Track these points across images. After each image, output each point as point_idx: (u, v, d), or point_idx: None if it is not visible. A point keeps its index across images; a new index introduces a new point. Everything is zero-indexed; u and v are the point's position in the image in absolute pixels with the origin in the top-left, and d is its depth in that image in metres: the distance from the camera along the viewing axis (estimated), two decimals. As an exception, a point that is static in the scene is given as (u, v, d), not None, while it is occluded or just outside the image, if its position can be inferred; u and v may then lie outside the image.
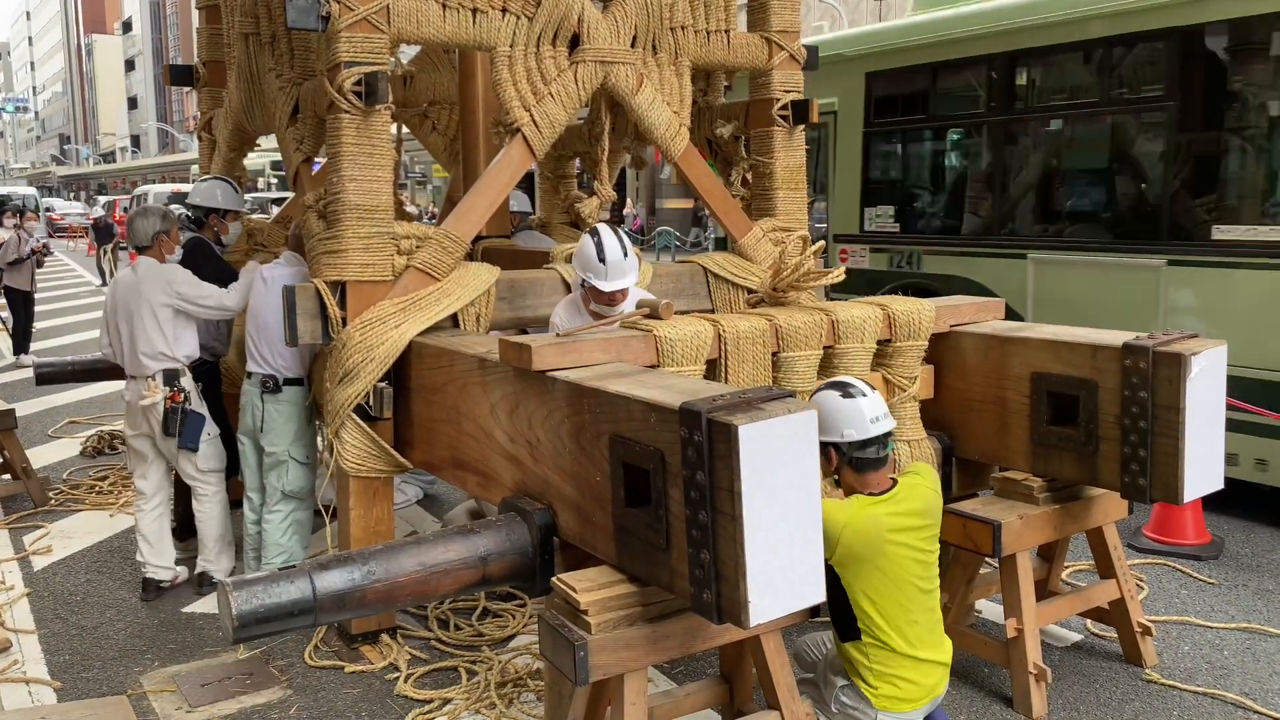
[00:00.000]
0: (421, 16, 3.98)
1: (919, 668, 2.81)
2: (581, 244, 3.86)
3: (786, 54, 5.01)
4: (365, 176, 3.91)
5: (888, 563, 2.76)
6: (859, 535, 2.74)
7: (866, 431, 2.83)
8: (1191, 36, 5.67)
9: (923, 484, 2.91)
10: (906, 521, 2.80)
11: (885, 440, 2.87)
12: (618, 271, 3.76)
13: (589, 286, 3.81)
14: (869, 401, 2.87)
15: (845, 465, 2.87)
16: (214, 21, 5.66)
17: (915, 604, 2.81)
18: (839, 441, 2.84)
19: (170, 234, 4.75)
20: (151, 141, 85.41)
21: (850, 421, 2.85)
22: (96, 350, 5.88)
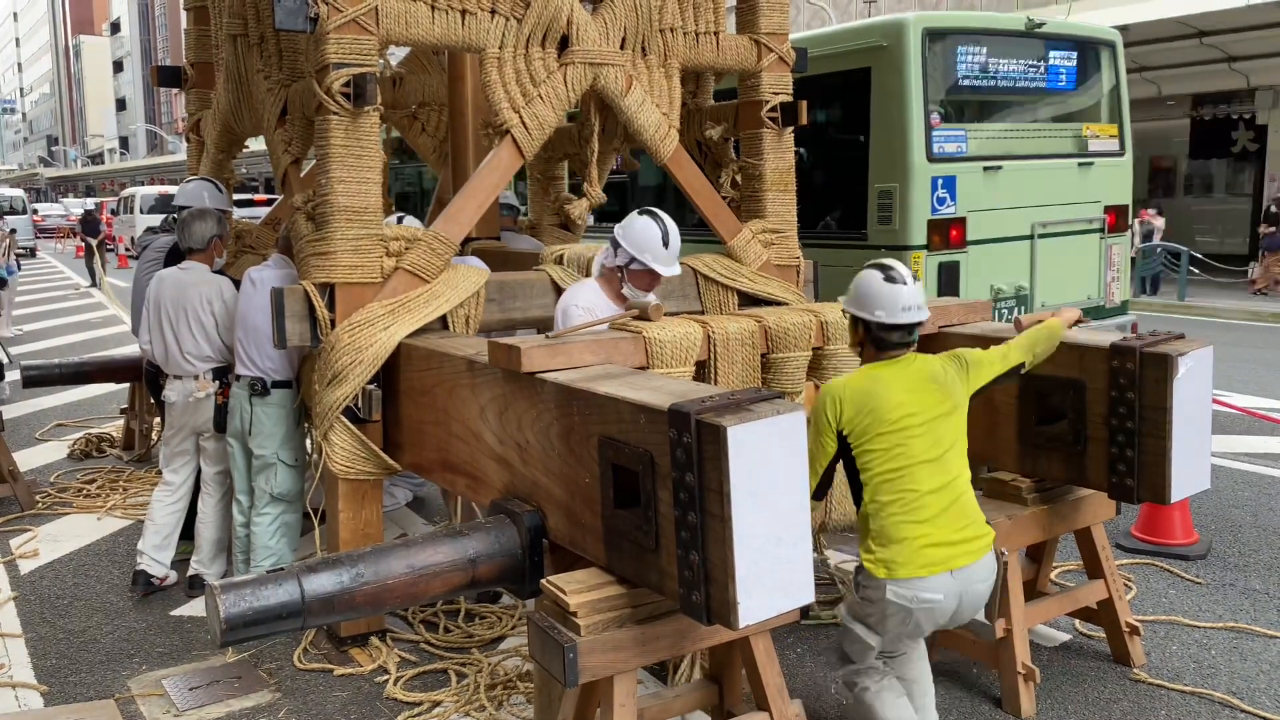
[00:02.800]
0: (410, 18, 3.98)
1: (923, 536, 2.88)
2: (638, 226, 3.80)
3: (776, 56, 5.01)
4: (354, 178, 3.90)
5: (889, 423, 2.91)
6: (859, 393, 2.94)
7: (895, 317, 3.03)
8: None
9: (937, 360, 3.08)
10: (912, 384, 2.97)
11: (912, 329, 3.06)
12: (674, 255, 3.83)
13: (639, 270, 3.78)
14: (908, 290, 3.04)
15: (869, 341, 3.09)
16: (202, 23, 5.64)
17: (922, 472, 2.90)
18: (868, 319, 3.05)
19: (223, 238, 4.84)
20: (140, 143, 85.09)
21: (883, 304, 3.04)
22: (84, 353, 5.88)
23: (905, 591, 2.87)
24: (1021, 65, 6.91)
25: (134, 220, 29.56)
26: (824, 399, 3.03)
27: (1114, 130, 7.85)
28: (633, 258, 3.80)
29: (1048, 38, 7.11)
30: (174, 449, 4.84)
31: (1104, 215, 7.38)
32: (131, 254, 28.16)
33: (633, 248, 3.79)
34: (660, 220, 3.83)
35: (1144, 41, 17.48)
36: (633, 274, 3.84)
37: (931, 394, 3.00)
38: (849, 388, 2.99)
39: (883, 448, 2.93)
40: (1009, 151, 6.69)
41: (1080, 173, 7.12)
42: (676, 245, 3.83)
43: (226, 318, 4.63)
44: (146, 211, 29.39)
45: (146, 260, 5.42)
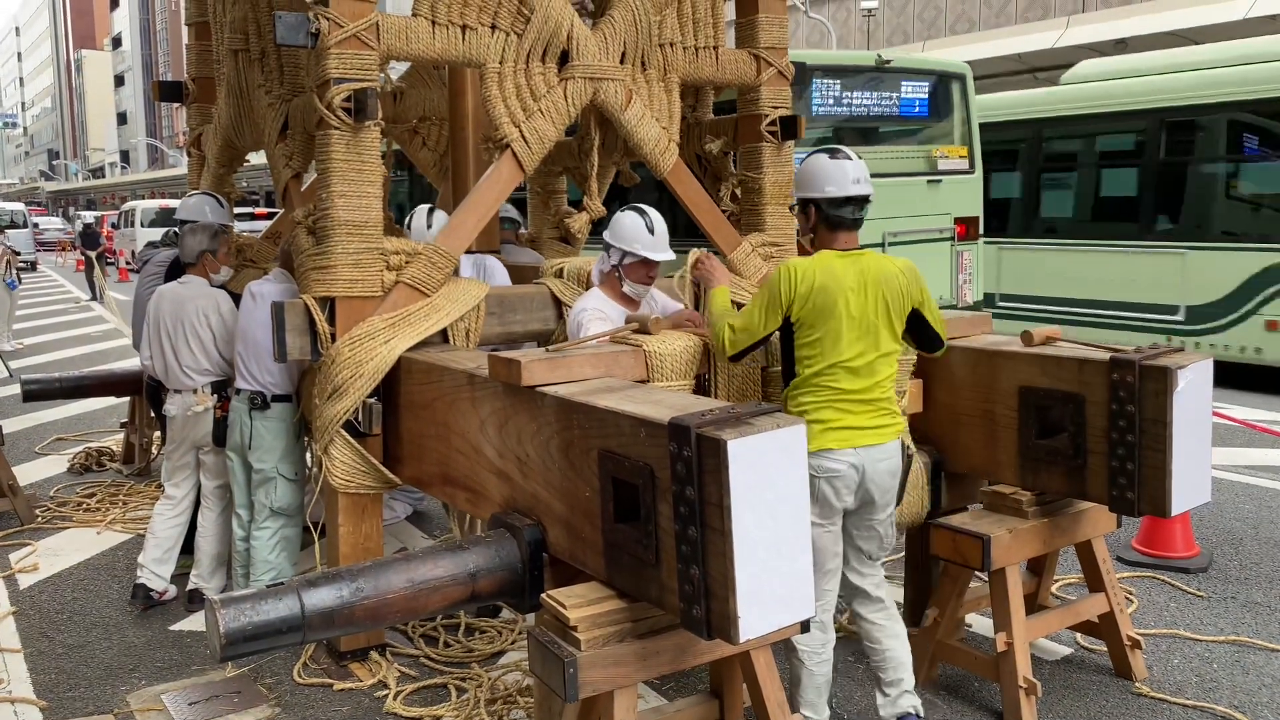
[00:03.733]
0: (411, 33, 3.99)
1: (836, 420, 3.12)
2: (622, 221, 3.88)
3: (775, 70, 5.03)
4: (354, 192, 3.91)
5: (832, 319, 3.08)
6: (813, 283, 3.07)
7: (846, 190, 3.16)
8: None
9: (890, 259, 3.25)
10: (862, 283, 3.11)
11: (862, 203, 3.21)
12: (663, 242, 3.87)
13: (631, 263, 3.86)
14: (854, 165, 3.24)
15: (821, 223, 3.22)
16: (204, 38, 5.66)
17: (848, 373, 3.12)
18: (819, 197, 3.19)
19: (217, 254, 4.80)
20: (141, 157, 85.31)
21: (832, 179, 3.18)
22: (84, 367, 5.89)
23: (811, 461, 3.04)
24: (875, 96, 7.49)
25: (134, 234, 29.64)
26: (782, 275, 3.15)
27: (964, 151, 8.95)
28: (624, 253, 3.86)
29: (901, 72, 8.00)
30: (175, 463, 4.84)
31: (954, 226, 8.48)
32: (132, 267, 28.20)
33: (621, 243, 3.86)
34: (642, 211, 3.89)
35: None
36: (628, 269, 3.89)
37: (877, 298, 3.16)
38: (808, 274, 3.11)
39: (817, 338, 3.12)
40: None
41: (930, 189, 7.98)
42: (663, 230, 3.88)
43: (224, 331, 4.63)
44: (147, 225, 29.47)
45: (147, 275, 5.43)
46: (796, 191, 3.40)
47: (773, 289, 3.16)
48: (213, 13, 5.25)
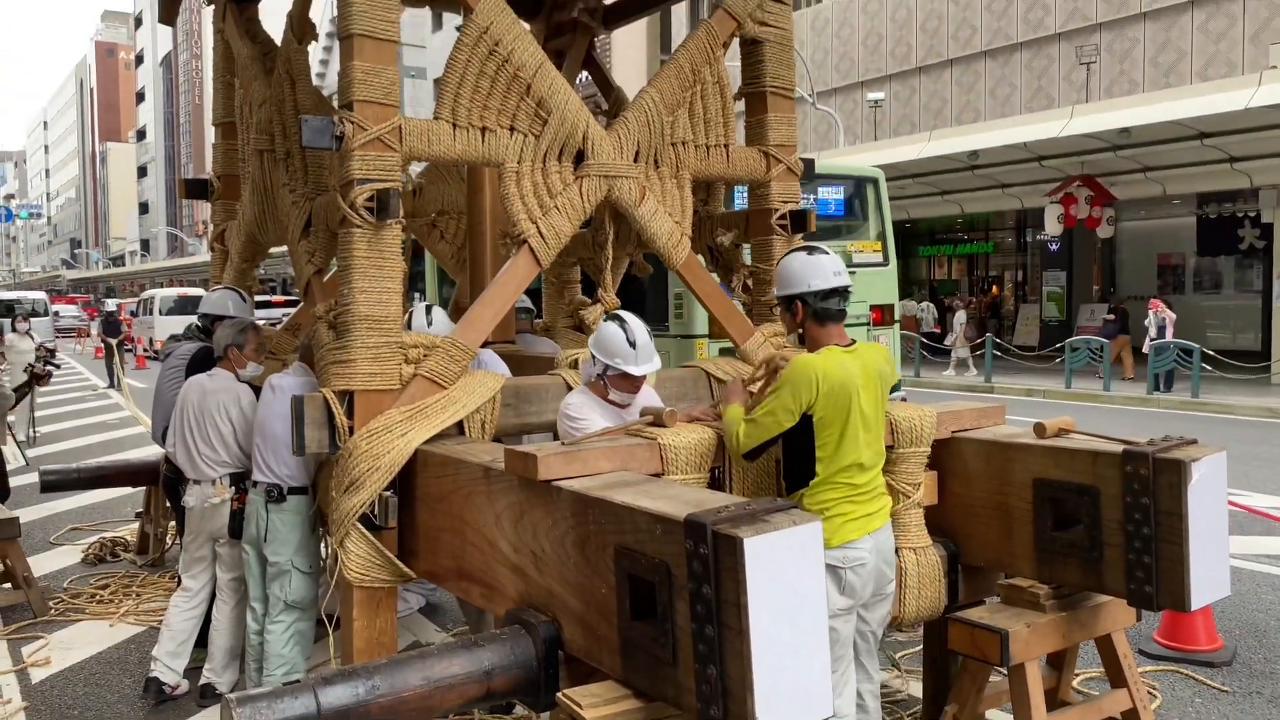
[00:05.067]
0: (433, 135, 4.12)
1: (852, 512, 3.26)
2: (604, 333, 3.88)
3: (784, 167, 5.15)
4: (375, 288, 3.99)
5: (850, 419, 3.21)
6: (834, 381, 3.19)
7: (829, 282, 3.34)
8: None
9: (877, 349, 3.43)
10: (870, 379, 3.29)
11: (845, 294, 3.37)
12: (647, 354, 3.84)
13: (615, 374, 3.85)
14: (830, 259, 3.40)
15: (809, 318, 3.37)
16: (230, 138, 5.84)
17: (862, 466, 3.27)
18: (805, 292, 3.34)
19: (243, 348, 4.86)
20: (161, 245, 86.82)
21: (815, 273, 3.36)
22: (101, 455, 5.94)
23: (838, 554, 3.20)
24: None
25: (152, 321, 30.02)
26: (804, 375, 3.22)
27: (878, 246, 10.04)
28: (606, 365, 3.86)
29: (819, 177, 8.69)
30: (192, 555, 4.85)
31: (869, 312, 9.47)
32: (149, 354, 28.50)
33: (603, 355, 3.86)
34: (623, 323, 3.87)
35: (1146, 143, 17.85)
36: (612, 380, 3.89)
37: (877, 390, 3.34)
38: (828, 372, 3.22)
39: (836, 436, 3.23)
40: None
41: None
42: (645, 342, 3.85)
43: (244, 424, 4.68)
44: (165, 313, 29.86)
45: (169, 367, 5.51)
46: (779, 291, 3.52)
47: (795, 386, 3.21)
48: (239, 114, 5.43)
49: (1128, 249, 24.74)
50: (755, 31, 5.03)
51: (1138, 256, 24.60)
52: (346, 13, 3.91)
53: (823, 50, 30.02)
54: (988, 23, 25.68)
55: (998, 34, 25.45)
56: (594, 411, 3.81)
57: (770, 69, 5.11)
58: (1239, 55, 20.87)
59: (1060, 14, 24.01)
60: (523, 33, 4.35)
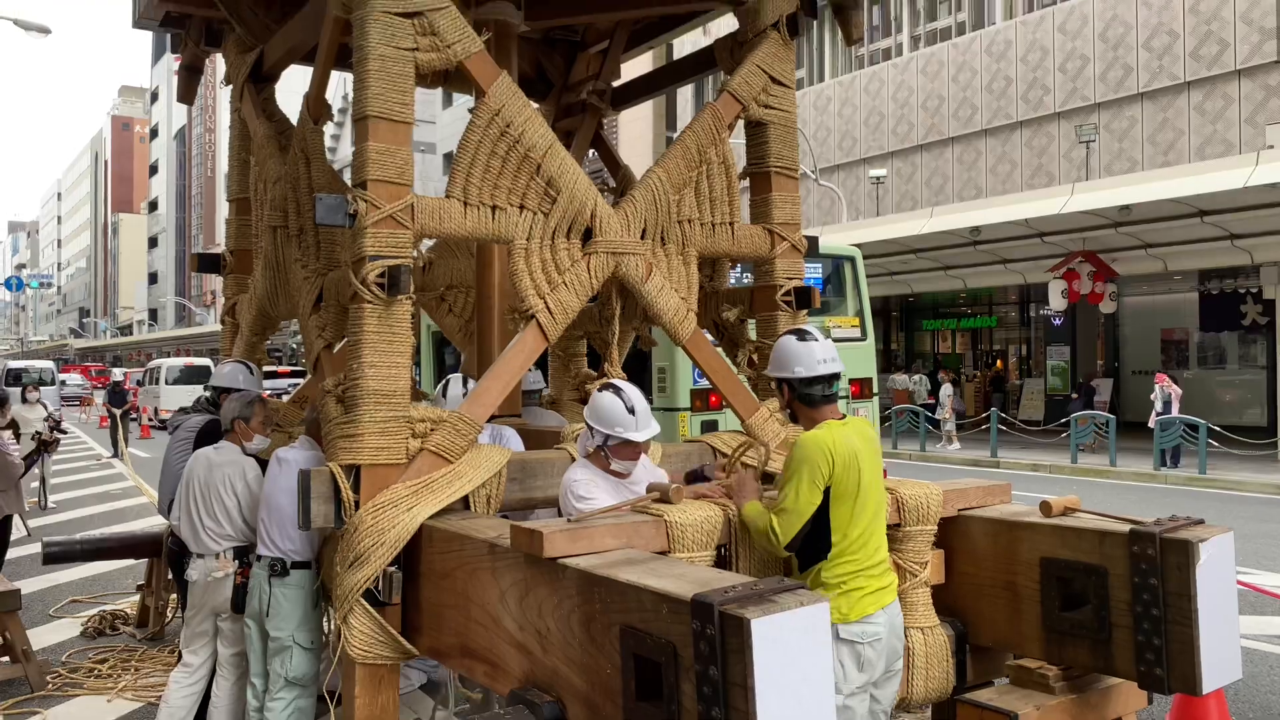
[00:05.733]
0: (444, 213, 4.20)
1: (867, 586, 3.28)
2: (600, 403, 3.89)
3: (788, 244, 5.23)
4: (384, 363, 4.03)
5: (861, 488, 3.26)
6: (843, 453, 3.23)
7: (814, 370, 3.41)
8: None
9: (864, 422, 3.53)
10: (870, 449, 3.37)
11: (832, 380, 3.43)
12: (645, 420, 3.85)
13: (615, 444, 3.85)
14: (820, 345, 3.47)
15: (796, 400, 3.44)
16: (244, 213, 5.94)
17: (873, 536, 3.32)
18: (790, 378, 3.41)
19: (250, 421, 4.87)
20: (169, 315, 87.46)
21: (801, 360, 3.43)
22: (104, 525, 5.93)
23: (856, 629, 3.24)
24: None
25: (159, 391, 30.10)
26: (815, 450, 3.26)
27: (856, 322, 10.59)
28: (606, 435, 3.87)
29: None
30: (194, 630, 4.82)
31: (848, 386, 9.68)
32: (154, 424, 28.53)
33: (602, 425, 3.87)
34: (620, 391, 3.91)
35: (1147, 220, 18.04)
36: (614, 450, 3.89)
37: (876, 464, 3.39)
38: (836, 445, 3.27)
39: (848, 509, 3.26)
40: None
41: None
42: (643, 408, 3.88)
43: (249, 498, 4.69)
44: (171, 382, 29.95)
45: (178, 440, 5.53)
46: (770, 370, 3.60)
47: (810, 464, 3.24)
48: (254, 191, 5.53)
49: (1131, 324, 24.84)
50: (760, 114, 5.15)
51: (1141, 331, 24.69)
52: (363, 96, 4.01)
53: (825, 128, 30.53)
54: (987, 102, 26.14)
55: (998, 113, 25.89)
56: (598, 488, 3.82)
57: (774, 150, 5.21)
58: (1235, 135, 21.19)
59: (1059, 94, 24.45)
60: (533, 115, 4.45)
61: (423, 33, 4.11)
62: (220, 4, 5.65)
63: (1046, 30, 24.72)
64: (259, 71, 5.67)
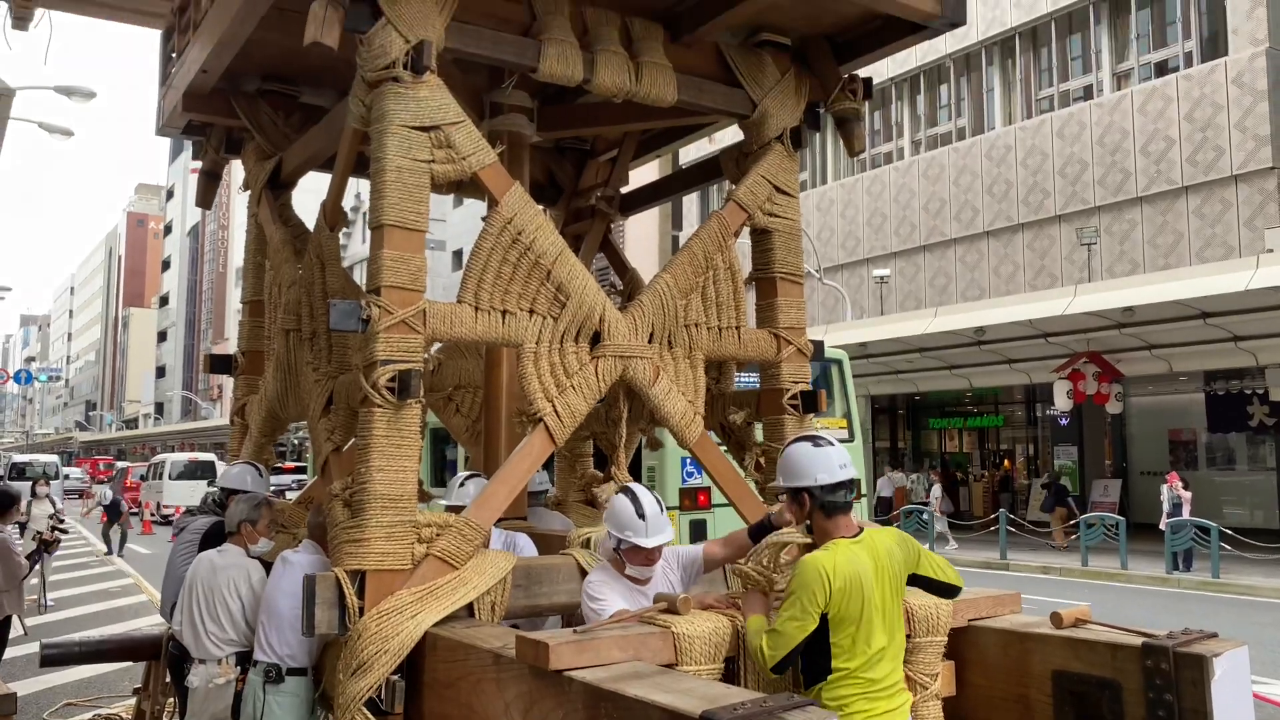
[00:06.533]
0: (455, 318, 4.26)
1: (873, 708, 3.14)
2: (615, 506, 3.92)
3: (794, 348, 5.28)
4: (393, 467, 4.04)
5: (866, 616, 3.13)
6: (845, 576, 3.12)
7: (835, 476, 3.29)
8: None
9: (886, 533, 3.35)
10: (882, 570, 3.21)
11: (851, 486, 3.32)
12: (657, 526, 3.84)
13: (627, 548, 3.85)
14: (836, 451, 3.36)
15: (817, 510, 3.31)
16: (256, 315, 6.04)
17: (882, 662, 3.17)
18: (811, 486, 3.28)
19: (257, 524, 4.86)
20: (175, 409, 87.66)
21: (821, 466, 3.31)
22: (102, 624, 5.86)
23: None
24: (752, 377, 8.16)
25: (162, 486, 30.01)
26: (813, 575, 3.14)
27: (844, 423, 10.68)
28: (619, 539, 3.87)
29: None
30: None
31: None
32: (156, 519, 28.34)
33: (615, 529, 3.89)
34: (633, 494, 3.92)
35: (1150, 321, 18.17)
36: (627, 554, 3.89)
37: (891, 584, 3.25)
38: (838, 569, 3.14)
39: (852, 633, 3.14)
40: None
41: None
42: (655, 513, 3.87)
43: (254, 601, 4.65)
44: (175, 477, 29.87)
45: (183, 542, 5.51)
46: (784, 482, 3.46)
47: (807, 590, 3.15)
48: (268, 294, 5.63)
49: (1138, 424, 24.78)
50: (765, 222, 5.25)
51: (1149, 431, 24.61)
52: (379, 205, 4.12)
53: (829, 228, 31.01)
54: (989, 204, 26.59)
55: (999, 215, 26.31)
56: (613, 592, 3.79)
57: (779, 256, 5.30)
58: (1235, 238, 21.48)
59: (1060, 197, 24.87)
60: (544, 222, 4.56)
61: (439, 145, 4.24)
62: (241, 114, 5.83)
63: (1045, 136, 25.28)
64: (277, 178, 5.82)
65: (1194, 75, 22.31)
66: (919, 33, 5.06)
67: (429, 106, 4.21)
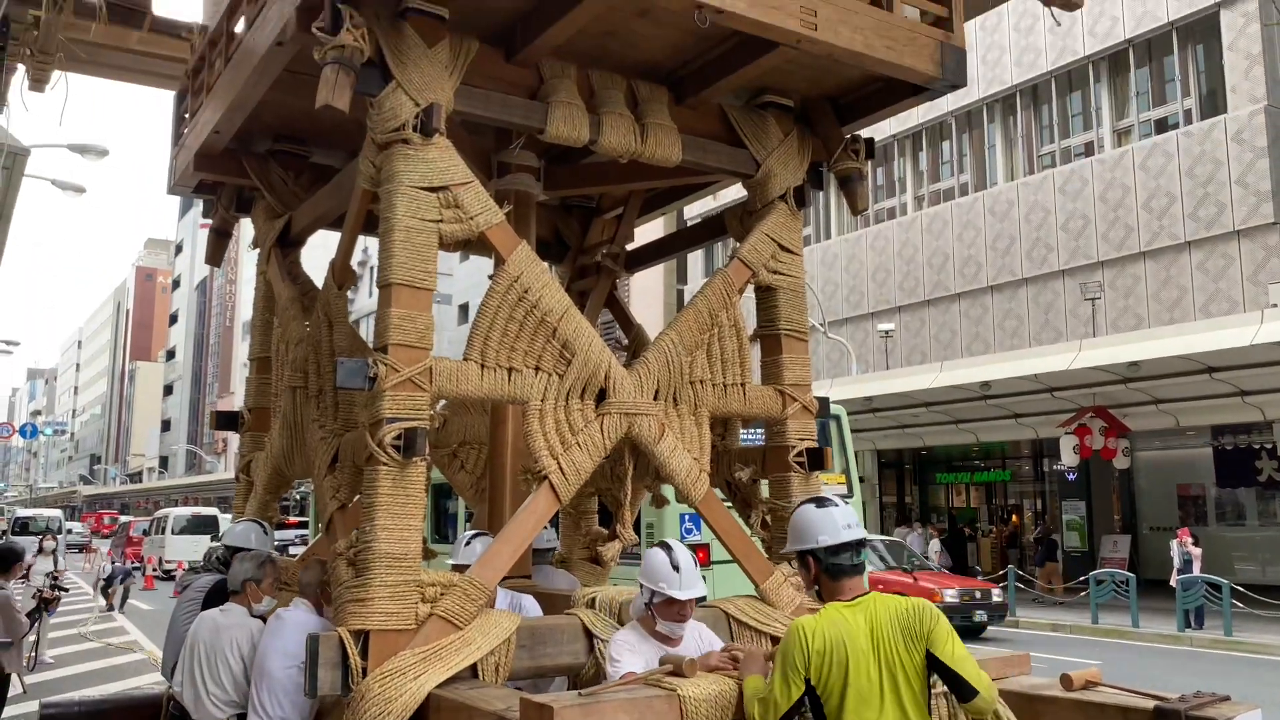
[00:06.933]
0: (461, 376, 4.28)
1: None
2: (649, 559, 3.93)
3: (800, 405, 5.28)
4: (398, 525, 4.04)
5: (858, 669, 2.95)
6: (827, 641, 2.98)
7: (839, 536, 3.21)
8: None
9: (895, 600, 3.13)
10: (882, 634, 3.01)
11: (858, 548, 3.23)
12: (691, 579, 3.85)
13: (660, 602, 3.85)
14: (841, 511, 3.30)
15: (823, 573, 3.21)
16: (263, 372, 6.06)
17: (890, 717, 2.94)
18: (815, 548, 3.19)
19: (261, 583, 4.82)
20: (179, 462, 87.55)
21: (824, 528, 3.24)
22: (103, 684, 5.80)
23: None
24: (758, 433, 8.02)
25: (164, 541, 29.82)
26: (793, 639, 3.06)
27: (843, 479, 10.56)
28: (652, 592, 3.87)
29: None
30: None
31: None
32: (158, 574, 28.14)
33: (648, 581, 3.90)
34: (670, 548, 3.94)
35: (1156, 376, 18.14)
36: (659, 608, 3.89)
37: (890, 649, 3.02)
38: (818, 632, 3.02)
39: (839, 703, 2.96)
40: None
41: None
42: (689, 566, 3.89)
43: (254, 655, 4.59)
44: (178, 532, 29.69)
45: (186, 600, 5.47)
46: (791, 545, 3.42)
47: (786, 654, 3.07)
48: (275, 351, 5.66)
49: (1146, 479, 24.63)
50: (769, 280, 5.29)
51: (1157, 486, 24.45)
52: (387, 264, 4.16)
53: (833, 283, 31.14)
54: (992, 260, 26.71)
55: (1003, 270, 26.41)
56: (633, 654, 3.77)
57: (784, 313, 5.33)
58: (1239, 293, 21.51)
59: (1063, 252, 24.98)
60: (550, 280, 4.60)
61: (447, 205, 4.30)
62: (252, 173, 5.91)
63: (1048, 191, 25.47)
64: (286, 236, 5.89)
65: (1194, 132, 22.53)
66: (920, 94, 5.14)
67: (438, 168, 4.27)
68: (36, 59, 6.40)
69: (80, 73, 6.72)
